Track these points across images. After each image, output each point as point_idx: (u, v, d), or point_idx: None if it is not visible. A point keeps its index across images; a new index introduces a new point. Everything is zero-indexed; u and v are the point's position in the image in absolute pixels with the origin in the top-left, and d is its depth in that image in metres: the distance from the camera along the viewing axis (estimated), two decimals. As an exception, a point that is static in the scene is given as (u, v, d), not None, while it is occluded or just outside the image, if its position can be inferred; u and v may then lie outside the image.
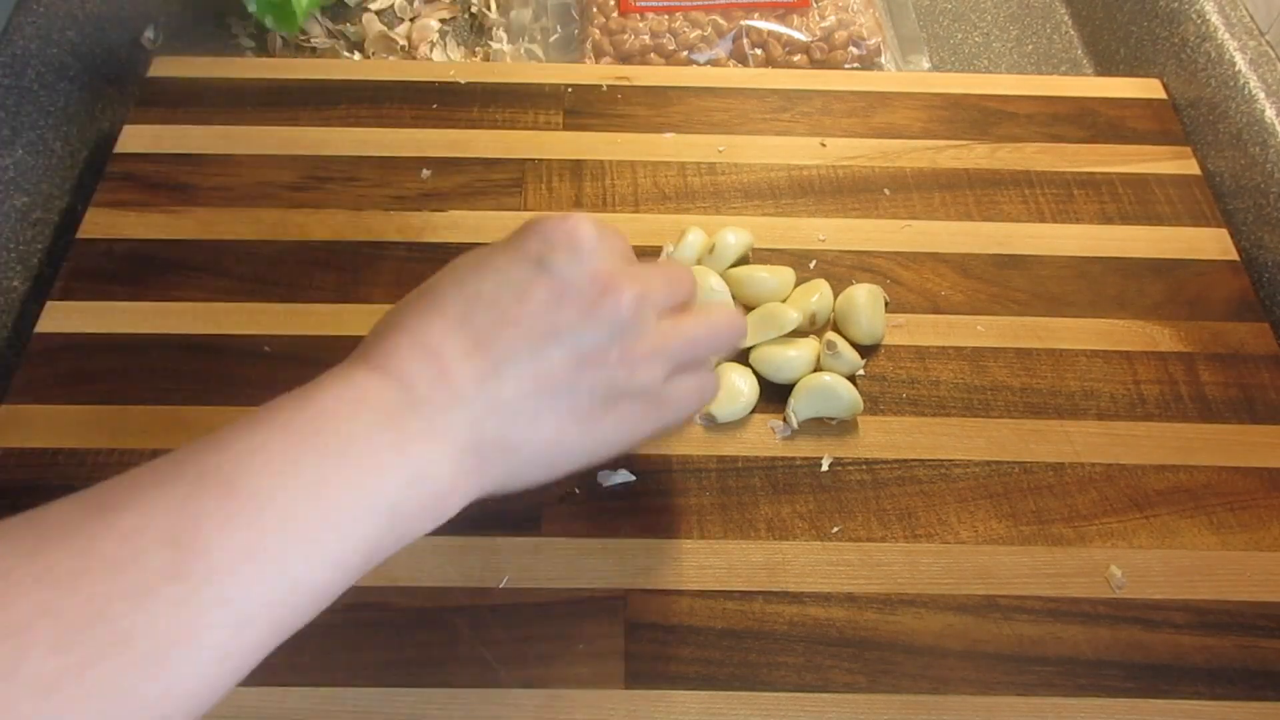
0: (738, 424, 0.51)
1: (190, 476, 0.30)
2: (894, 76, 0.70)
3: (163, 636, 0.28)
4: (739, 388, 0.51)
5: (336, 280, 0.55)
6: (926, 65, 0.74)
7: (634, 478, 0.49)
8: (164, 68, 0.65)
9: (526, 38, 0.75)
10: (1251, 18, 0.65)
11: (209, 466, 0.31)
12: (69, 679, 0.26)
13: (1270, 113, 0.60)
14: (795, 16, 0.73)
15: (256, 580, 0.30)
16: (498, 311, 0.36)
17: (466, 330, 0.36)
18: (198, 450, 0.32)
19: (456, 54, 0.74)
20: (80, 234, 0.57)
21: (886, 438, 0.51)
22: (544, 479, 0.38)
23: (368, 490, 0.33)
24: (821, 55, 0.72)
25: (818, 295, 0.54)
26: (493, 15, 0.76)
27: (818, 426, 0.51)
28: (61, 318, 0.54)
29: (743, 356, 0.52)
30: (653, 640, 0.44)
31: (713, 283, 0.53)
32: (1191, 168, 0.63)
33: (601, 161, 0.62)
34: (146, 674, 0.27)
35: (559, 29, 0.75)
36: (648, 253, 0.57)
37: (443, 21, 0.76)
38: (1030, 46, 0.77)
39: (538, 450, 0.37)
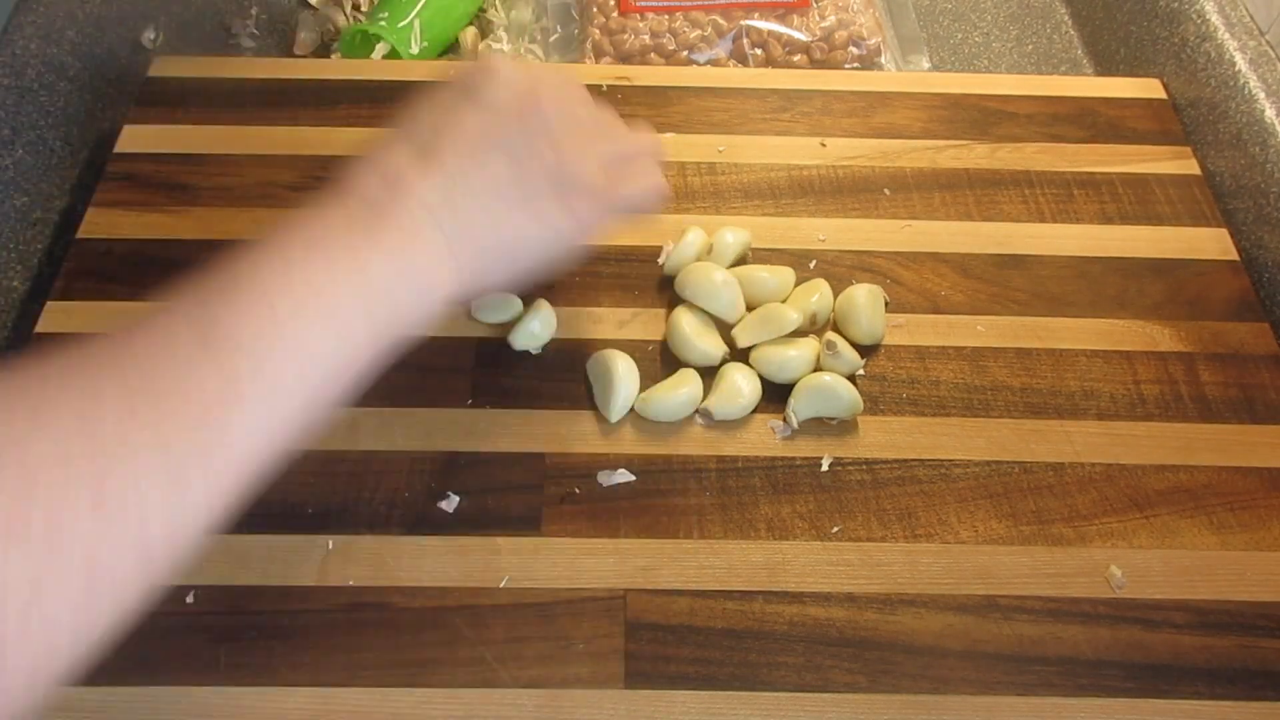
0: (738, 424, 0.51)
1: (200, 295, 0.35)
2: (894, 76, 0.70)
3: (211, 396, 0.32)
4: (739, 387, 0.51)
5: (336, 280, 0.55)
6: (926, 65, 0.74)
7: (634, 477, 0.49)
8: (164, 68, 0.65)
9: (526, 38, 0.75)
10: (1251, 18, 0.65)
11: (217, 284, 0.35)
12: (136, 431, 0.30)
13: (1270, 113, 0.60)
14: (795, 16, 0.73)
15: (282, 355, 0.34)
16: (441, 135, 0.42)
17: (418, 154, 0.41)
18: (203, 280, 0.36)
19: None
20: (80, 234, 0.57)
21: (886, 438, 0.51)
22: (512, 275, 0.43)
23: (361, 281, 0.37)
24: (821, 55, 0.72)
25: (818, 295, 0.54)
26: (499, 16, 0.76)
27: (818, 426, 0.51)
28: (61, 318, 0.53)
29: (743, 356, 0.52)
30: (653, 640, 0.44)
31: (717, 276, 0.53)
32: (1191, 168, 0.63)
33: (601, 161, 0.62)
34: (200, 424, 0.31)
35: (559, 29, 0.75)
36: (647, 253, 0.57)
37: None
38: (1030, 46, 0.77)
39: (501, 246, 0.42)
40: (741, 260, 0.57)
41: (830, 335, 0.52)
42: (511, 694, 0.42)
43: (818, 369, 0.52)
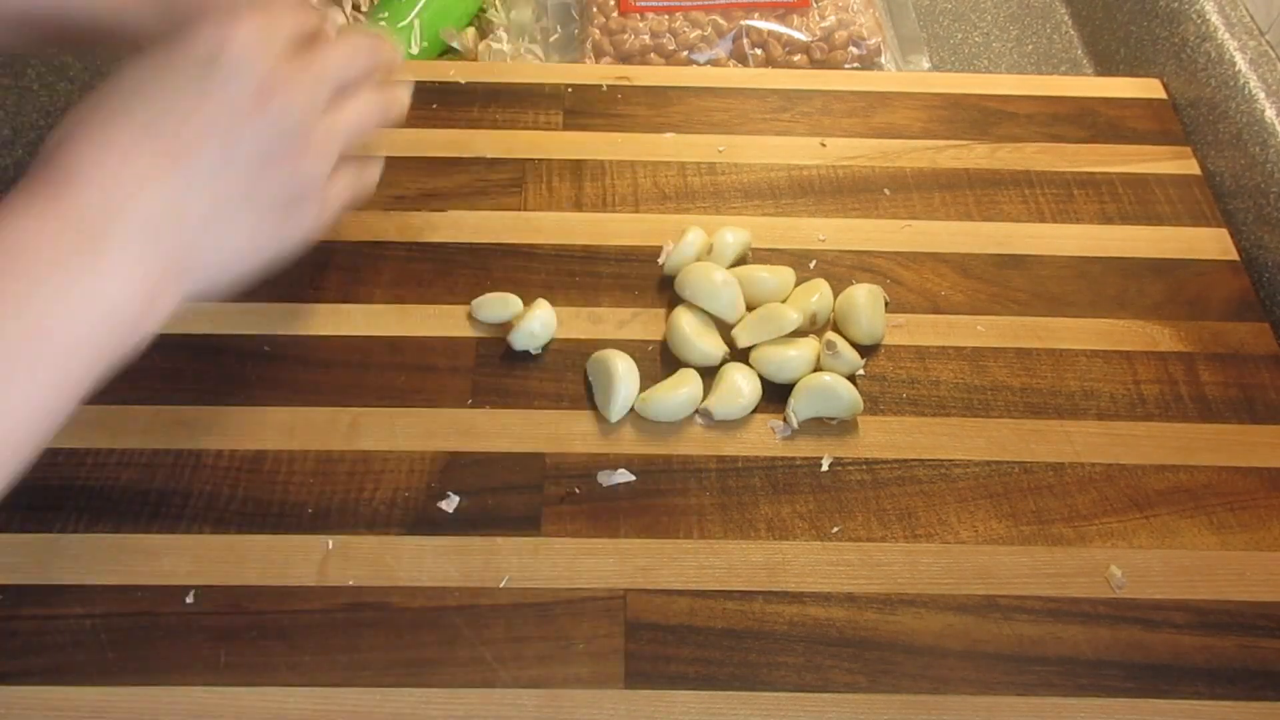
0: (738, 424, 0.51)
1: None
2: (894, 76, 0.70)
3: None
4: (739, 387, 0.51)
5: (337, 280, 0.55)
6: (927, 65, 0.74)
7: (634, 477, 0.49)
8: (164, 67, 0.65)
9: (527, 38, 0.75)
10: (1251, 17, 0.65)
11: None
12: None
13: (1270, 113, 0.60)
14: (795, 16, 0.73)
15: None
16: (176, 126, 0.37)
17: (144, 155, 0.37)
18: None
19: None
20: (80, 234, 0.57)
21: (887, 438, 0.51)
22: (235, 280, 0.41)
23: (65, 330, 0.34)
24: (822, 55, 0.72)
25: (817, 296, 0.54)
26: (499, 17, 0.76)
27: (818, 426, 0.51)
28: (61, 317, 0.53)
29: (743, 356, 0.52)
30: (652, 640, 0.44)
31: (717, 276, 0.53)
32: (1191, 168, 0.63)
33: (601, 161, 0.62)
34: None
35: (559, 29, 0.75)
36: (647, 253, 0.57)
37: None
38: (1030, 46, 0.77)
39: (226, 259, 0.39)
40: (741, 260, 0.57)
41: (830, 335, 0.52)
42: (511, 694, 0.42)
43: (818, 369, 0.52)
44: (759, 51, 0.72)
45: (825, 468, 0.49)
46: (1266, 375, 0.53)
